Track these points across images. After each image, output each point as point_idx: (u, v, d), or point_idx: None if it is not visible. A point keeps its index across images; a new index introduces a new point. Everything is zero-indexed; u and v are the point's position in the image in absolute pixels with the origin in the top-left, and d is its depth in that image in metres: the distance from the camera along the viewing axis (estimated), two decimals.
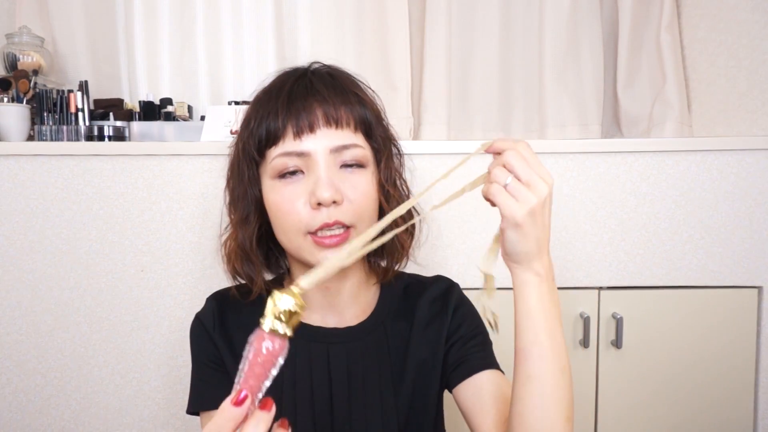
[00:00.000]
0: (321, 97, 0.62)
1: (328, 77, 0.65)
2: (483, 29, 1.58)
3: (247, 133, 0.64)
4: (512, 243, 0.54)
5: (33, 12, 1.49)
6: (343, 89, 0.64)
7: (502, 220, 0.53)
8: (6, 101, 1.26)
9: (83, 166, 1.12)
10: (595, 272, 1.15)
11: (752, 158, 1.13)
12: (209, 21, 1.57)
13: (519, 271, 0.56)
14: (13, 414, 1.14)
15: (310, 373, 0.68)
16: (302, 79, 0.64)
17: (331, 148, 0.61)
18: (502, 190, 0.52)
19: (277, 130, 0.61)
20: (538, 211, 0.52)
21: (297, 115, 0.61)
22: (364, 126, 0.65)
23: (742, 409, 1.17)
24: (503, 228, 0.54)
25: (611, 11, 1.58)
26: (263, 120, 0.62)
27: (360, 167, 0.63)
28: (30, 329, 1.13)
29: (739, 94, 1.31)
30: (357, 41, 1.54)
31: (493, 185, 0.53)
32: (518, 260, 0.55)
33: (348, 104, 0.63)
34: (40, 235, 1.12)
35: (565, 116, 1.54)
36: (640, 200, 1.14)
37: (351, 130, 0.63)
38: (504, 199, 0.52)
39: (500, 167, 0.53)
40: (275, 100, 0.63)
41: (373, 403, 0.67)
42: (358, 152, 0.63)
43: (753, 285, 1.15)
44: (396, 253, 0.70)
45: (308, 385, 0.68)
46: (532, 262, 0.54)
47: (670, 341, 1.16)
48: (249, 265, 0.69)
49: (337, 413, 0.67)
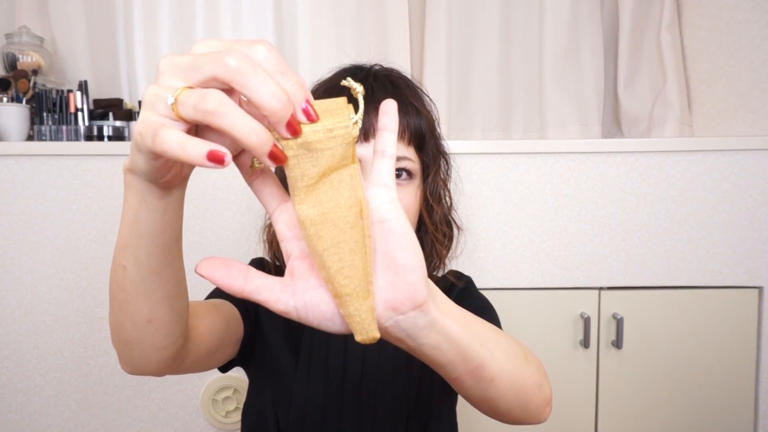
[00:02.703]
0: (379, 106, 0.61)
1: (389, 84, 0.66)
2: (483, 29, 1.58)
3: None
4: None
5: (33, 12, 1.49)
6: (402, 99, 0.64)
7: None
8: (5, 101, 1.26)
9: (83, 166, 1.11)
10: (596, 272, 1.15)
11: (752, 158, 1.13)
12: (209, 21, 1.57)
13: (414, 337, 0.39)
14: (12, 414, 1.14)
15: (327, 344, 0.69)
16: (363, 84, 0.64)
17: None
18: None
19: None
20: None
21: None
22: (418, 139, 0.65)
23: (743, 410, 1.17)
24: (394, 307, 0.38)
25: (611, 11, 1.58)
26: None
27: (407, 179, 0.64)
28: (30, 329, 1.13)
29: (739, 94, 1.31)
30: (357, 41, 1.54)
31: None
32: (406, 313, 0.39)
33: (405, 115, 0.63)
34: (40, 235, 1.12)
35: (565, 116, 1.54)
36: (640, 200, 1.14)
37: (404, 142, 0.64)
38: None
39: None
40: None
41: (385, 381, 0.68)
42: (407, 164, 0.64)
43: (753, 285, 1.15)
44: (433, 261, 0.72)
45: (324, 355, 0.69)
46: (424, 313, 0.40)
47: (670, 341, 1.16)
48: None
49: (348, 387, 0.68)
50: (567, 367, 1.16)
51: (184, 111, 0.30)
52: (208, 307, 0.60)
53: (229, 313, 0.64)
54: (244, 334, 0.67)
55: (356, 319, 0.35)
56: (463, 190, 1.14)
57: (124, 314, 0.43)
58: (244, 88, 0.30)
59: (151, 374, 0.48)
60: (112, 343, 0.48)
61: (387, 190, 0.36)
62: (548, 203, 1.15)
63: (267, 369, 0.70)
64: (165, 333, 0.45)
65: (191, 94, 0.30)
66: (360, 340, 0.36)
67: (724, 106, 1.36)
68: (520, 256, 1.15)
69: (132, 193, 0.38)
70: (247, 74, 0.29)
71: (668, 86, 1.47)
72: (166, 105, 0.31)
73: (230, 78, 0.30)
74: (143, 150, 0.33)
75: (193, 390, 1.16)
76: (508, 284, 1.16)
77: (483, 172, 1.14)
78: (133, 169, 0.36)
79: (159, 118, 0.31)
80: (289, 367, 0.68)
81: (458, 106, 1.60)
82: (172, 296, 0.44)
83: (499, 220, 1.15)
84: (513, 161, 1.14)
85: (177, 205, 0.40)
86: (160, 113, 0.31)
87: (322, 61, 1.50)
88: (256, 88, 0.29)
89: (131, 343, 0.45)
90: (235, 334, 0.65)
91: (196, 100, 0.30)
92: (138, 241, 0.40)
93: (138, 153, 0.34)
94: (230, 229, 1.15)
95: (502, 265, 1.15)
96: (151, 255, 0.40)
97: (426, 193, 0.68)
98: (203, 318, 0.56)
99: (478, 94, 1.60)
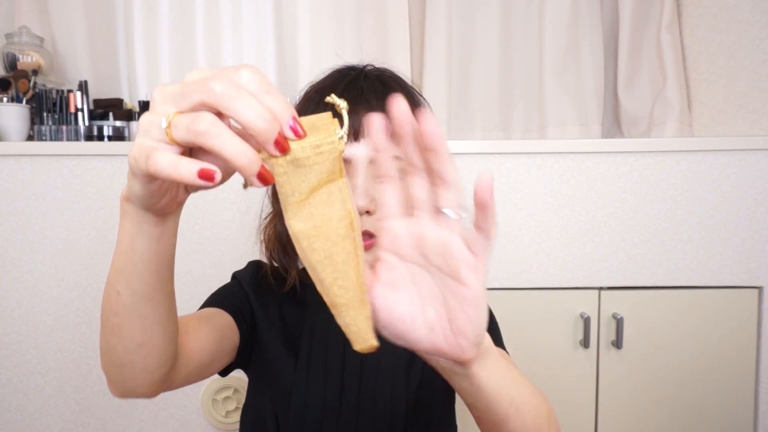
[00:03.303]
0: (369, 105, 0.62)
1: (379, 84, 0.65)
2: (483, 29, 1.58)
3: None
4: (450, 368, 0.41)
5: (33, 12, 1.49)
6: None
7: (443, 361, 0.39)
8: (5, 101, 1.26)
9: (83, 166, 1.11)
10: (595, 272, 1.15)
11: (752, 158, 1.13)
12: (209, 21, 1.57)
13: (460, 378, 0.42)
14: (12, 414, 1.14)
15: (326, 344, 0.69)
16: (354, 85, 0.64)
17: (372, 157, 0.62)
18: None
19: None
20: None
21: None
22: None
23: (743, 410, 1.17)
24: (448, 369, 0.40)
25: (611, 11, 1.58)
26: None
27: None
28: (30, 329, 1.13)
29: (739, 94, 1.31)
30: (357, 41, 1.54)
31: None
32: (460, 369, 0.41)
33: None
34: (39, 235, 1.12)
35: (565, 116, 1.54)
36: (640, 200, 1.14)
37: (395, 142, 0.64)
38: None
39: None
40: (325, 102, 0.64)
41: (384, 380, 0.68)
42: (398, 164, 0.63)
43: (753, 285, 1.15)
44: None
45: (323, 355, 0.69)
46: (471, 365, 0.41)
47: (670, 341, 1.16)
48: (285, 257, 0.70)
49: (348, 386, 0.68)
50: (567, 367, 1.16)
51: (177, 133, 0.32)
52: (198, 321, 0.60)
53: (223, 323, 0.64)
54: (240, 341, 0.67)
55: (353, 329, 0.36)
56: (463, 190, 1.14)
57: (116, 338, 0.44)
58: (230, 110, 0.31)
59: (142, 396, 0.49)
60: (102, 366, 0.48)
61: (476, 259, 0.35)
62: (548, 203, 1.14)
63: (266, 371, 0.70)
64: (156, 356, 0.46)
65: (183, 117, 0.32)
66: (359, 350, 0.37)
67: (724, 106, 1.36)
68: (519, 256, 1.15)
69: (128, 220, 0.39)
70: (232, 97, 0.31)
71: (668, 86, 1.47)
72: (160, 129, 0.32)
73: (217, 102, 0.31)
74: (138, 174, 0.34)
75: (193, 390, 1.16)
76: (508, 284, 1.16)
77: (483, 172, 1.14)
78: (129, 197, 0.38)
79: (152, 142, 0.33)
80: (288, 368, 0.68)
81: (458, 106, 1.60)
82: (164, 320, 0.46)
83: (499, 220, 1.15)
84: (513, 161, 1.14)
85: (171, 232, 0.42)
86: (154, 138, 0.33)
87: (322, 61, 1.50)
88: (242, 110, 0.31)
89: (123, 366, 0.46)
90: (231, 343, 0.65)
91: (189, 122, 0.31)
92: (133, 268, 0.41)
93: (133, 178, 0.35)
94: (230, 229, 1.15)
95: (502, 265, 1.15)
96: (145, 281, 0.42)
97: None
98: (193, 334, 0.57)
99: (478, 94, 1.60)
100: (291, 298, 0.73)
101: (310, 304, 0.73)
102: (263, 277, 0.74)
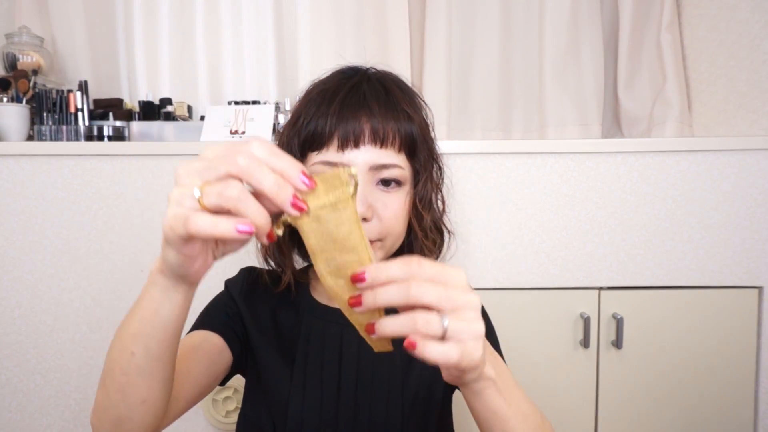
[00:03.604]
0: (371, 112, 0.62)
1: (382, 90, 0.65)
2: (483, 29, 1.58)
3: (295, 130, 0.65)
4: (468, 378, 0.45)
5: (33, 12, 1.49)
6: (394, 105, 0.64)
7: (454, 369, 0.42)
8: (5, 101, 1.26)
9: (83, 166, 1.11)
10: (595, 272, 1.15)
11: (752, 158, 1.13)
12: (209, 21, 1.57)
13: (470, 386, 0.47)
14: (13, 414, 1.14)
15: (322, 351, 0.69)
16: (356, 90, 0.65)
17: (372, 165, 0.62)
18: (436, 345, 0.38)
19: (323, 136, 0.62)
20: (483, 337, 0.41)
21: (345, 126, 0.61)
22: (409, 146, 0.65)
23: (743, 410, 1.17)
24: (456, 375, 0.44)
25: (611, 11, 1.58)
26: (312, 121, 0.63)
27: (396, 186, 0.64)
28: (30, 329, 1.13)
29: (739, 94, 1.31)
30: (357, 42, 1.54)
31: (427, 345, 0.38)
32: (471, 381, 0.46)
33: (396, 121, 0.63)
34: (39, 235, 1.12)
35: (565, 116, 1.54)
36: (640, 200, 1.14)
37: (395, 149, 0.63)
38: (442, 353, 0.38)
39: (420, 315, 0.38)
40: (327, 105, 0.63)
41: (380, 388, 0.68)
42: (396, 172, 0.63)
43: (753, 285, 1.15)
44: None
45: (319, 362, 0.69)
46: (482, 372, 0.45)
47: (670, 341, 1.16)
48: (280, 256, 0.70)
49: (344, 394, 0.68)
50: (567, 367, 1.16)
51: (209, 200, 0.37)
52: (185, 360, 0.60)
53: (212, 350, 0.65)
54: (233, 356, 0.67)
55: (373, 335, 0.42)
56: (463, 190, 1.14)
57: (121, 395, 0.47)
58: (252, 179, 0.37)
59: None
60: (94, 422, 0.50)
61: None
62: (548, 203, 1.14)
63: (261, 382, 0.69)
64: (155, 412, 0.49)
65: (214, 186, 0.37)
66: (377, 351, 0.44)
67: (724, 106, 1.36)
68: (520, 256, 1.15)
69: (157, 289, 0.44)
70: (254, 169, 0.37)
71: (668, 86, 1.47)
72: (192, 198, 0.37)
73: (241, 173, 0.37)
74: (174, 240, 0.38)
75: None
76: (508, 284, 1.16)
77: (483, 172, 1.14)
78: (162, 269, 0.43)
79: (186, 210, 0.37)
80: (284, 378, 0.68)
81: (458, 106, 1.60)
82: (168, 377, 0.49)
83: (500, 220, 1.15)
84: (513, 161, 1.14)
85: (191, 298, 0.46)
86: (187, 206, 0.37)
87: (322, 62, 1.50)
88: (261, 180, 0.37)
89: (121, 422, 0.48)
90: (222, 366, 0.66)
91: (221, 189, 0.37)
92: (152, 331, 0.45)
93: (168, 247, 0.40)
94: None
95: (502, 265, 1.15)
96: (161, 342, 0.45)
97: (416, 199, 0.67)
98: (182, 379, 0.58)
99: (478, 94, 1.60)
100: (286, 300, 0.72)
101: (305, 308, 0.72)
102: (255, 281, 0.73)
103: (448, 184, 0.74)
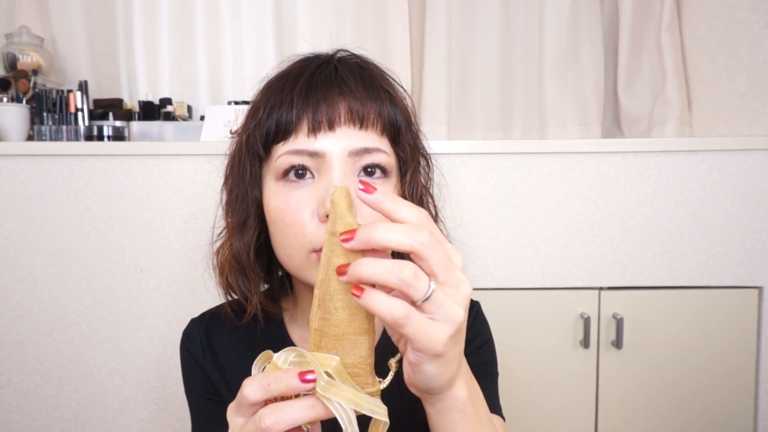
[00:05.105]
0: (347, 88, 0.52)
1: (357, 68, 0.56)
2: (483, 29, 1.58)
3: (254, 123, 0.55)
4: (428, 377, 0.38)
5: (33, 12, 1.49)
6: (373, 83, 0.54)
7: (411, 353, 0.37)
8: (5, 101, 1.26)
9: (83, 166, 1.11)
10: (595, 272, 1.15)
11: (752, 158, 1.13)
12: (209, 21, 1.57)
13: (437, 401, 0.42)
14: (13, 414, 1.14)
15: None
16: (325, 67, 0.55)
17: (351, 150, 0.51)
18: (384, 296, 0.34)
19: (290, 123, 0.52)
20: (462, 327, 0.37)
21: (315, 107, 0.51)
22: (393, 130, 0.55)
23: (743, 410, 1.17)
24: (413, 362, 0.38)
25: (611, 11, 1.58)
26: (274, 110, 0.53)
27: (382, 175, 0.53)
28: (30, 329, 1.13)
29: (739, 94, 1.31)
30: (357, 42, 1.53)
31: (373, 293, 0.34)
32: (436, 392, 0.41)
33: (377, 101, 0.53)
34: (39, 235, 1.12)
35: (565, 116, 1.54)
36: (640, 200, 1.14)
37: (377, 132, 0.53)
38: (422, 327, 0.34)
39: (411, 264, 0.34)
40: (291, 87, 0.53)
41: None
42: (381, 157, 0.53)
43: (753, 285, 1.15)
44: None
45: None
46: (453, 384, 0.41)
47: (670, 341, 1.16)
48: (244, 280, 0.59)
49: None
50: (567, 367, 1.16)
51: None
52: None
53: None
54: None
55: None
56: (463, 191, 1.14)
57: None
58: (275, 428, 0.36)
59: None
60: None
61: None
62: (548, 203, 1.14)
63: None
64: None
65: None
66: None
67: (724, 106, 1.36)
68: (520, 256, 1.15)
69: None
70: (272, 414, 0.36)
71: (668, 86, 1.47)
72: None
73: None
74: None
75: None
76: (508, 284, 1.16)
77: (483, 172, 1.14)
78: None
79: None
80: None
81: (458, 106, 1.60)
82: None
83: (499, 220, 1.15)
84: (513, 161, 1.14)
85: None
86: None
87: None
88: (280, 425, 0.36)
89: None
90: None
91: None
92: None
93: None
94: None
95: (502, 265, 1.15)
96: None
97: (405, 194, 0.57)
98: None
99: (478, 94, 1.60)
100: (252, 337, 0.63)
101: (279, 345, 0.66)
102: (211, 326, 0.66)
103: (440, 183, 0.66)
